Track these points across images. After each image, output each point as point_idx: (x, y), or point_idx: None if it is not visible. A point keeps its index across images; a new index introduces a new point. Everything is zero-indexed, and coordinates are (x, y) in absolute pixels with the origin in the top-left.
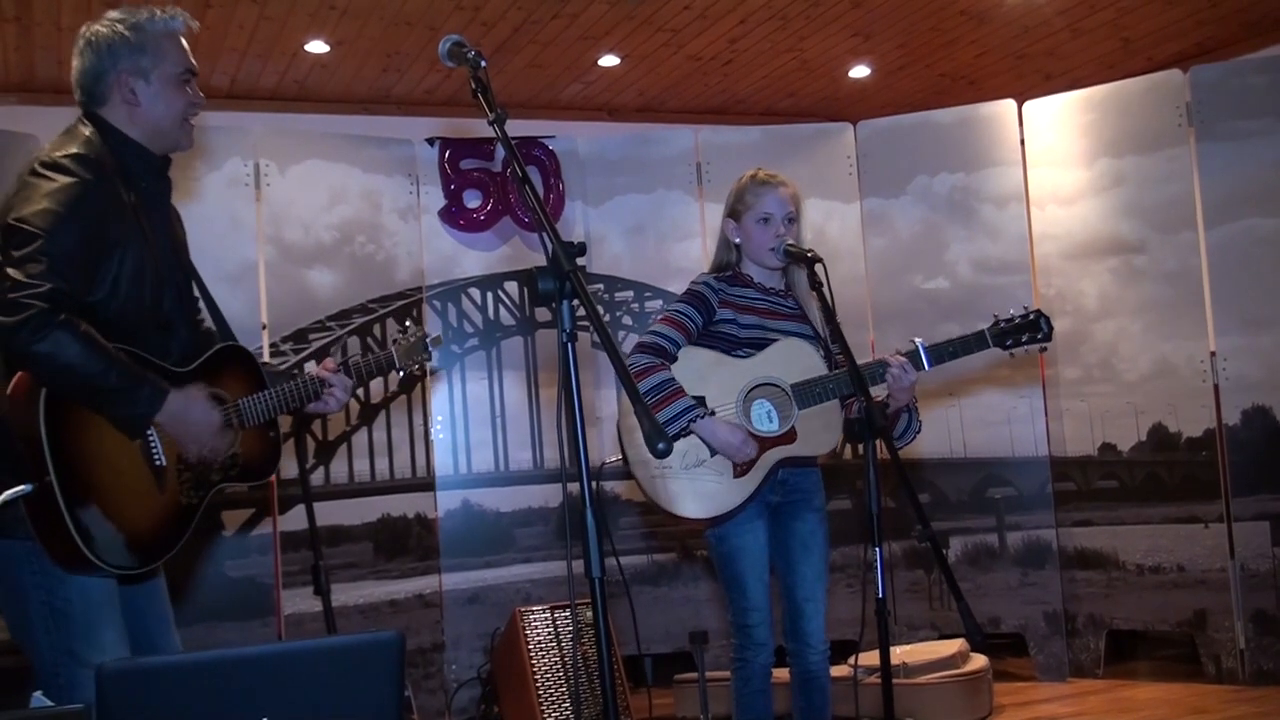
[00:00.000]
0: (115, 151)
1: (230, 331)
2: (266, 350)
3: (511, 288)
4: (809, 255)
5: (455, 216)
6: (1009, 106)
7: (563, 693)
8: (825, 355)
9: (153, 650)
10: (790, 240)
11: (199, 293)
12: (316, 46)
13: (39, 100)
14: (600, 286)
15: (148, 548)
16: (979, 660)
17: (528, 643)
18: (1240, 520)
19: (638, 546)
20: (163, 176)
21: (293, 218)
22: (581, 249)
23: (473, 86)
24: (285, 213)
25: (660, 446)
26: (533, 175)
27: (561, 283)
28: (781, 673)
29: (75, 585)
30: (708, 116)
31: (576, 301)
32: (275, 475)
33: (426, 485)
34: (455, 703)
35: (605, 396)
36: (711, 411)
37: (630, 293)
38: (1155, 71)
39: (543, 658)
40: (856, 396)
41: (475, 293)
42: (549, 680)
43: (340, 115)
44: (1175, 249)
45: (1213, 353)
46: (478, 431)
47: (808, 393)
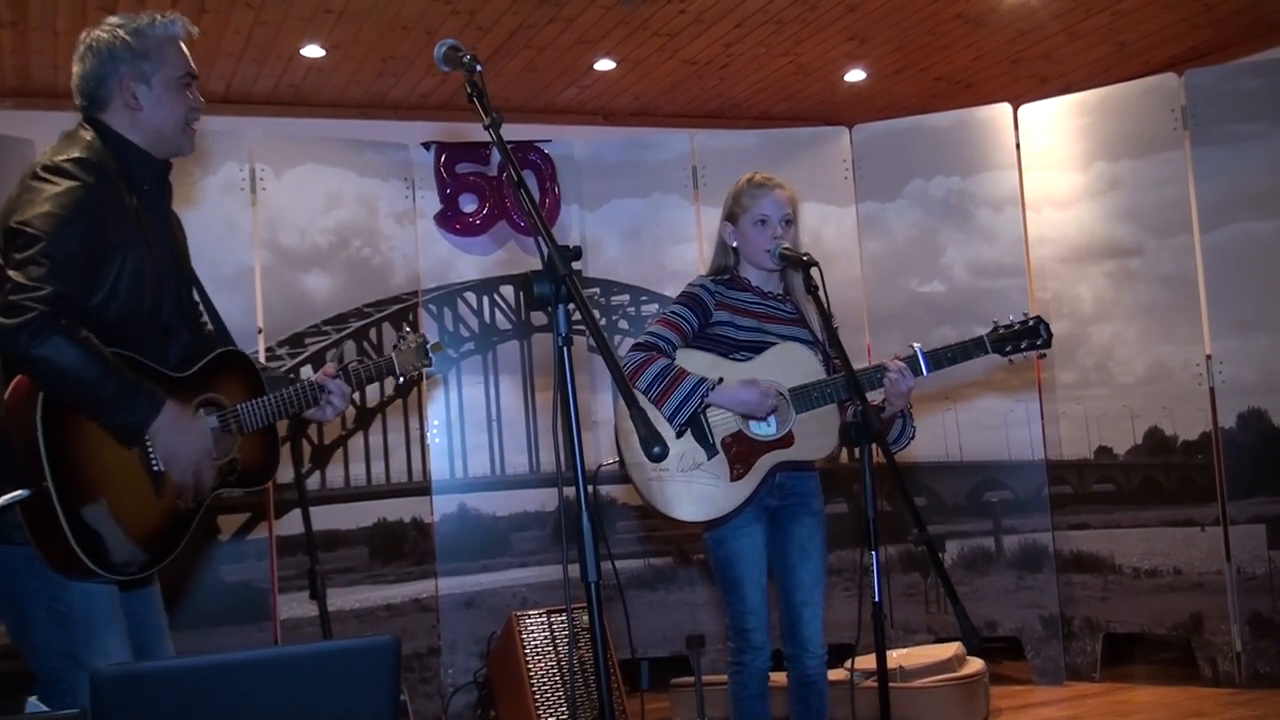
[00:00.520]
0: (117, 155)
1: (229, 337)
2: (263, 354)
3: (507, 292)
4: (805, 259)
5: (451, 221)
6: (1004, 110)
7: (559, 697)
8: (823, 359)
9: (147, 658)
10: (787, 243)
11: (199, 298)
12: (312, 51)
13: (35, 105)
14: (596, 290)
15: (144, 553)
16: (975, 664)
17: (524, 647)
18: (1236, 523)
19: (634, 550)
20: (164, 181)
21: (288, 222)
22: (577, 253)
23: (468, 90)
24: (281, 217)
25: (656, 450)
26: (529, 179)
27: (557, 287)
28: (779, 677)
29: (77, 591)
30: (704, 120)
31: (572, 306)
32: (271, 480)
33: (422, 490)
34: (451, 707)
35: (601, 400)
36: (719, 379)
37: (626, 296)
38: (1150, 75)
39: (539, 662)
40: (853, 401)
41: (471, 297)
42: (545, 684)
43: (336, 119)
44: (1171, 252)
45: (1208, 356)
46: (474, 436)
47: (805, 397)
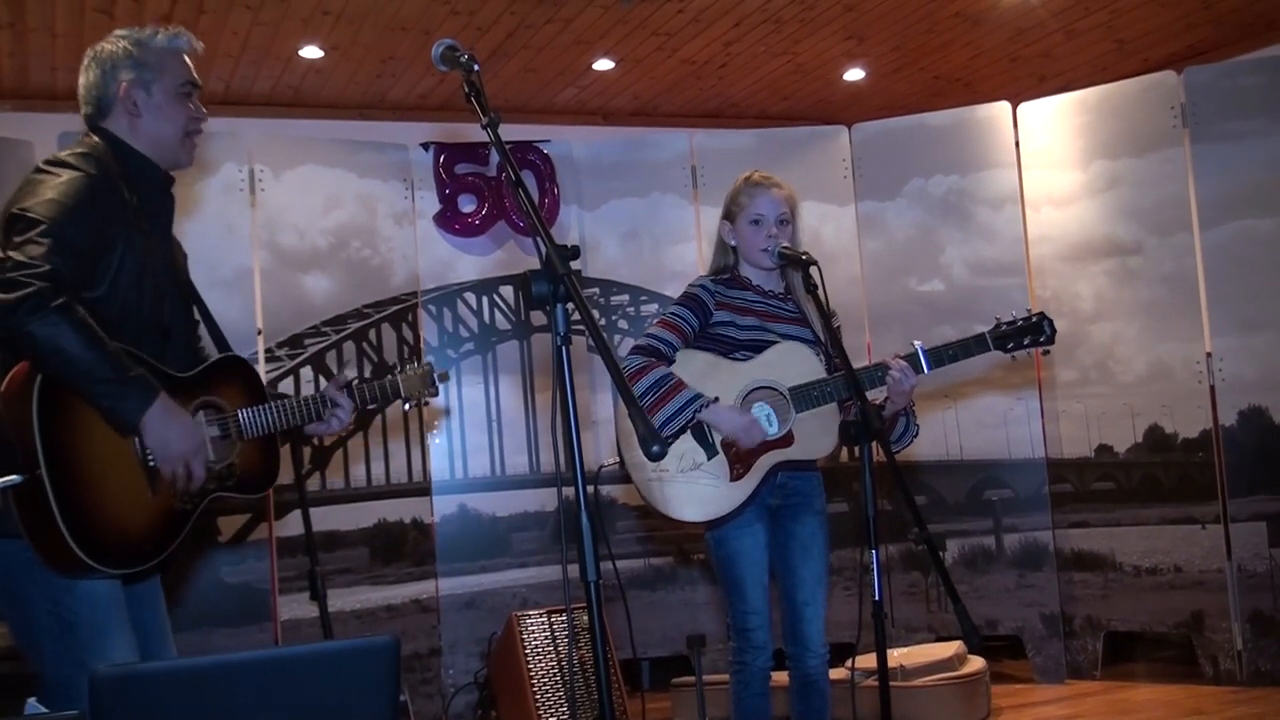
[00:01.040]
0: (119, 159)
1: (229, 348)
2: (262, 355)
3: (507, 292)
4: (804, 257)
5: (450, 221)
6: (1004, 109)
7: (560, 697)
8: (824, 358)
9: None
10: (785, 242)
11: (200, 315)
12: (311, 52)
13: (33, 107)
14: (596, 290)
15: (136, 549)
16: (976, 662)
17: (524, 647)
18: (1237, 521)
19: (635, 550)
20: (166, 194)
21: (288, 223)
22: (575, 252)
23: (466, 90)
24: (280, 218)
25: (655, 449)
26: (528, 180)
27: (555, 286)
28: (780, 676)
29: (82, 596)
30: (702, 120)
31: (571, 305)
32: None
33: (422, 490)
34: (452, 708)
35: (601, 400)
36: (715, 398)
37: (626, 296)
38: (1149, 73)
39: (539, 662)
40: (853, 400)
41: (470, 297)
42: (546, 685)
43: (335, 120)
44: (1170, 250)
45: (1208, 354)
46: (474, 436)
47: (805, 396)
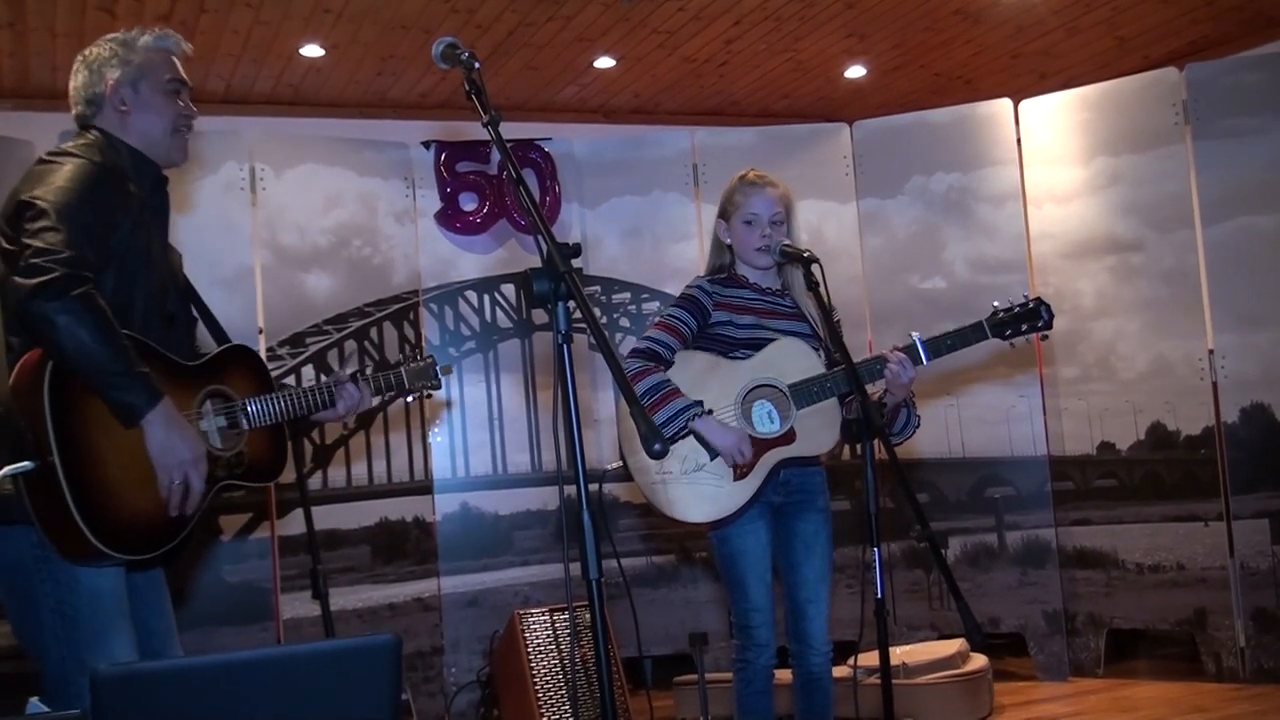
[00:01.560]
0: (116, 151)
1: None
2: (263, 354)
3: (508, 290)
4: (805, 255)
5: (451, 219)
6: (1005, 106)
7: (563, 695)
8: (823, 354)
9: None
10: (785, 241)
11: (199, 314)
12: (311, 50)
13: (33, 106)
14: (597, 288)
15: (148, 535)
16: (979, 660)
17: (527, 645)
18: (1239, 518)
19: (637, 548)
20: (160, 191)
21: (289, 222)
22: (576, 250)
23: (467, 88)
24: (281, 217)
25: (656, 448)
26: (529, 178)
27: (556, 284)
28: (784, 673)
29: (85, 593)
30: (703, 118)
31: (572, 303)
32: (279, 476)
33: (424, 489)
34: (455, 706)
35: (602, 398)
36: (709, 410)
37: (627, 294)
38: (1151, 70)
39: (542, 660)
40: (854, 395)
41: (472, 295)
42: (548, 683)
43: (336, 119)
44: (1172, 247)
45: (1210, 350)
46: (475, 434)
47: (805, 392)
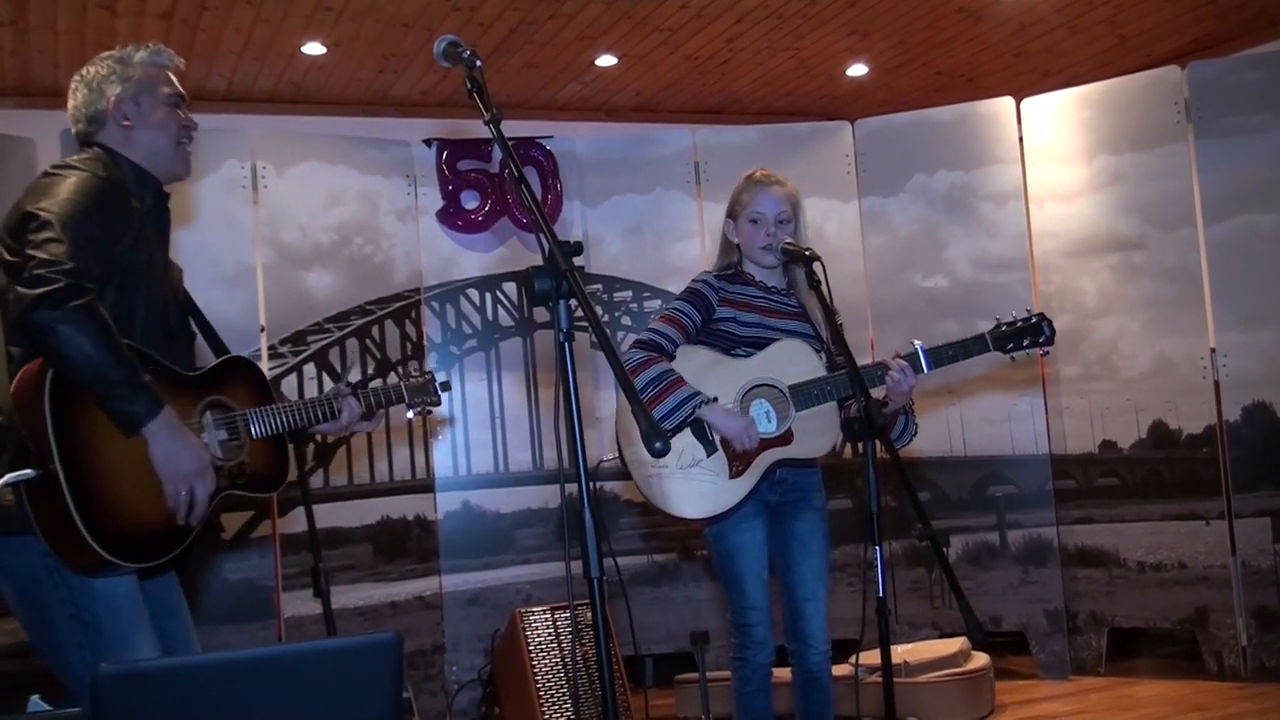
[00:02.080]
0: (118, 167)
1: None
2: (265, 352)
3: (510, 289)
4: (807, 254)
5: (453, 218)
6: (1007, 104)
7: (564, 693)
8: (825, 356)
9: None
10: (789, 239)
11: (197, 327)
12: (313, 48)
13: (35, 104)
14: (599, 287)
15: (153, 543)
16: (980, 659)
17: (528, 644)
18: (1241, 517)
19: (638, 547)
20: (162, 206)
21: (290, 220)
22: (578, 248)
23: (468, 86)
24: (283, 215)
25: (657, 445)
26: (530, 176)
27: (558, 282)
28: (783, 672)
29: (102, 598)
30: (705, 116)
31: (574, 301)
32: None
33: (426, 487)
34: (456, 704)
35: (604, 397)
36: (714, 397)
37: (629, 293)
38: (1153, 68)
39: (543, 659)
40: (855, 397)
41: (474, 294)
42: (550, 681)
43: (337, 117)
44: (1174, 245)
45: (1212, 349)
46: (477, 433)
47: (805, 394)
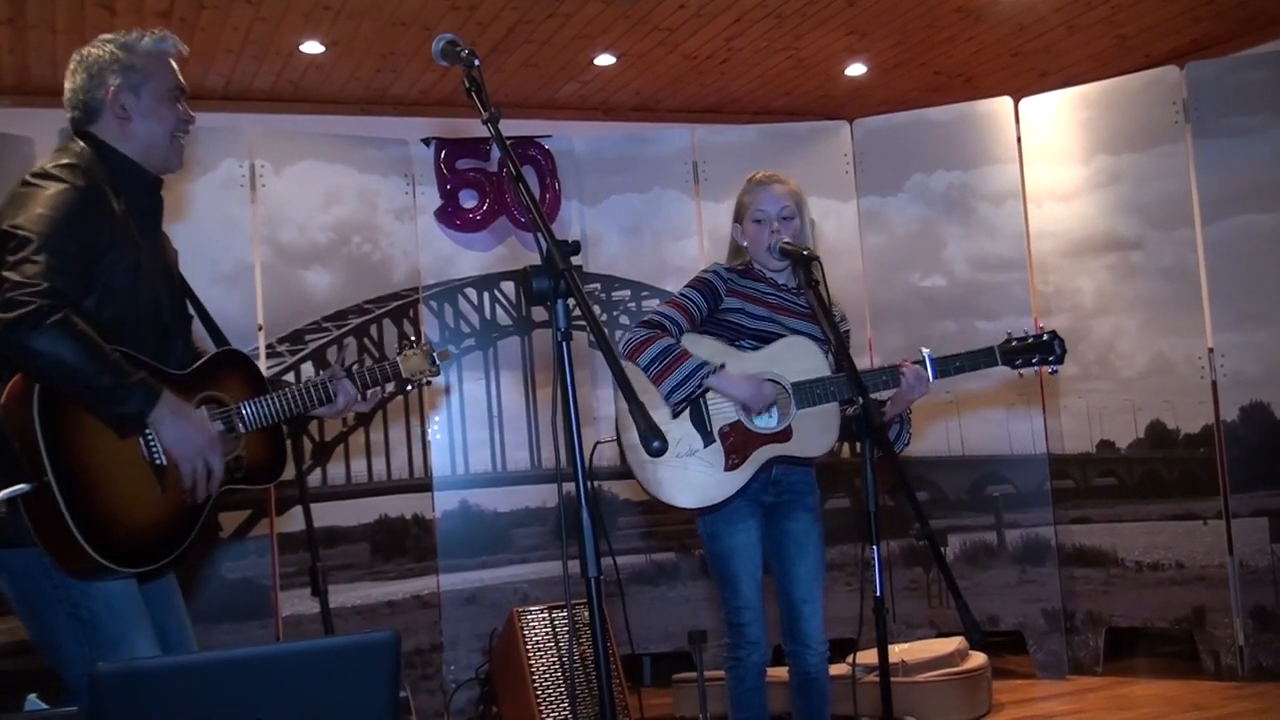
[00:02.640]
0: (105, 164)
1: (227, 343)
2: (263, 351)
3: (508, 288)
4: (805, 253)
5: (451, 217)
6: (1005, 104)
7: (561, 693)
8: (832, 357)
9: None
10: (788, 238)
11: (194, 311)
12: (312, 47)
13: (33, 103)
14: (597, 286)
15: (150, 547)
16: (978, 658)
17: (526, 643)
18: (1239, 516)
19: (636, 546)
20: (155, 196)
21: (288, 219)
22: (576, 247)
23: (466, 85)
24: (281, 214)
25: (655, 445)
26: (529, 175)
27: (556, 282)
28: (780, 672)
29: (99, 596)
30: (704, 115)
31: (572, 301)
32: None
33: (424, 486)
34: (454, 703)
35: (602, 396)
36: (721, 364)
37: (627, 292)
38: (1151, 68)
39: (541, 658)
40: (854, 398)
41: (472, 293)
42: (547, 680)
43: (336, 116)
44: (1172, 245)
45: (1210, 349)
46: (475, 432)
47: (808, 393)
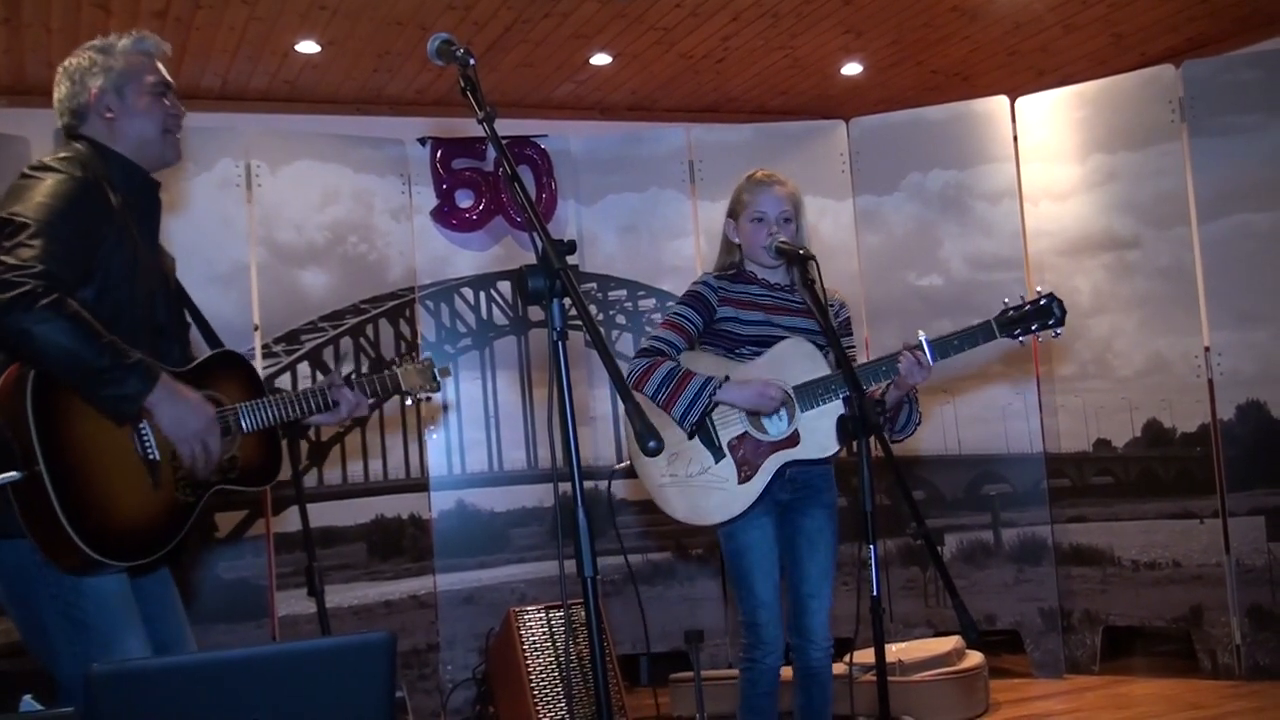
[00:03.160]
0: (104, 161)
1: (222, 344)
2: (259, 351)
3: (504, 287)
4: (801, 253)
5: (447, 216)
6: (1001, 103)
7: (558, 692)
8: (829, 353)
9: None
10: (781, 238)
11: (191, 319)
12: (307, 47)
13: (28, 102)
14: (593, 285)
15: (142, 541)
16: (975, 657)
17: (522, 643)
18: (1235, 515)
19: (633, 546)
20: (152, 198)
21: (284, 218)
22: (571, 247)
23: (461, 85)
24: (277, 213)
25: (651, 445)
26: (525, 175)
27: (552, 281)
28: (784, 671)
29: (91, 596)
30: (700, 115)
31: (567, 300)
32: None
33: (420, 486)
34: (450, 703)
35: (598, 396)
36: (725, 377)
37: (623, 291)
38: (1147, 67)
39: (537, 658)
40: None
41: (468, 293)
42: (544, 680)
43: (331, 115)
44: (1169, 244)
45: (1207, 348)
46: (471, 432)
47: (810, 395)
